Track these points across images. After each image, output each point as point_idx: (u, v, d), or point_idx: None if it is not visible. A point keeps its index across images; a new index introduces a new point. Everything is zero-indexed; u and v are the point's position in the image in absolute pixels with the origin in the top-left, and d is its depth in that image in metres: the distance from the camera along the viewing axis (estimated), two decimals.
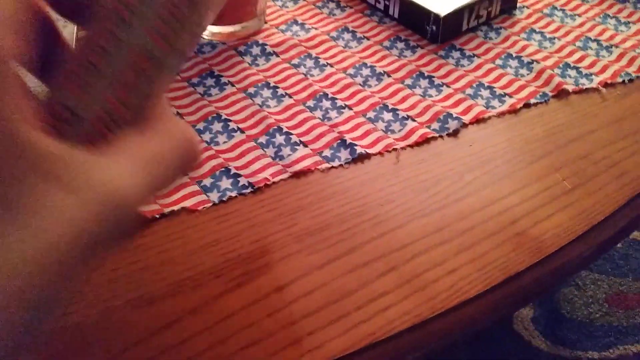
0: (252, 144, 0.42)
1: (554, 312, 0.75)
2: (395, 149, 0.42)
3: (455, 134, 0.43)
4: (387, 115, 0.45)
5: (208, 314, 0.31)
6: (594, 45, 0.52)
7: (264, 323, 0.31)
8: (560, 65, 0.50)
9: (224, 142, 0.42)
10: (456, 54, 0.51)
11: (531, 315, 0.74)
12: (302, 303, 0.32)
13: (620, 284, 0.78)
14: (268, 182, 0.39)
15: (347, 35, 0.53)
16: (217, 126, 0.43)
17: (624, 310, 0.75)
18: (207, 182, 0.39)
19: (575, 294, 0.77)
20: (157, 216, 0.36)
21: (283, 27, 0.54)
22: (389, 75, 0.48)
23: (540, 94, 0.47)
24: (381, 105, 0.45)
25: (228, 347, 0.30)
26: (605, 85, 0.47)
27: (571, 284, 0.79)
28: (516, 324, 0.73)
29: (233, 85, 0.47)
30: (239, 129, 0.43)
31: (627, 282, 0.78)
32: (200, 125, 0.43)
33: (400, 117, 0.44)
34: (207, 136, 0.42)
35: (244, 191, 0.38)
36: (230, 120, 0.43)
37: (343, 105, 0.46)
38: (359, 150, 0.41)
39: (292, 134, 0.42)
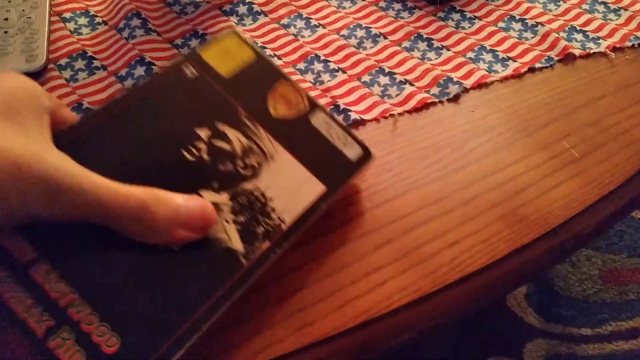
0: None
1: (547, 288, 0.74)
2: (392, 115, 0.39)
3: (456, 99, 0.40)
4: (384, 79, 0.42)
5: None
6: (601, 7, 0.49)
7: (251, 298, 0.28)
8: (566, 29, 0.47)
9: None
10: (456, 16, 0.48)
11: (524, 291, 0.73)
12: (292, 278, 0.29)
13: (614, 260, 0.77)
14: None
15: None
16: None
17: (618, 286, 0.74)
18: None
19: (569, 271, 0.76)
20: None
21: None
22: (385, 37, 0.45)
23: (546, 58, 0.44)
24: (377, 68, 0.42)
25: (210, 326, 0.27)
26: (614, 49, 0.45)
27: (565, 261, 0.78)
28: (509, 301, 0.71)
29: None
30: None
31: (621, 259, 0.77)
32: None
33: (397, 81, 0.41)
34: None
35: None
36: None
37: (336, 68, 0.42)
38: (353, 116, 0.38)
39: None
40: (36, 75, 0.39)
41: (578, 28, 0.47)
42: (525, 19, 0.48)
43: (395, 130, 0.38)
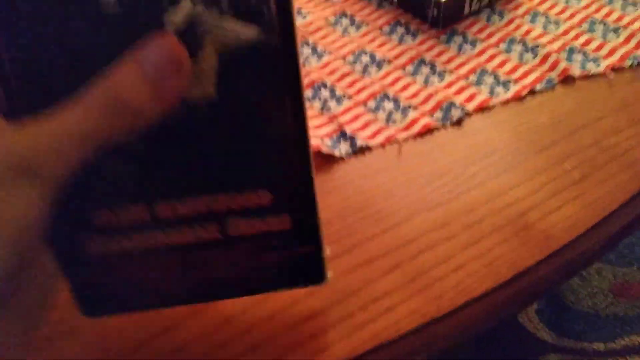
0: None
1: (558, 303, 0.74)
2: (397, 141, 0.40)
3: (458, 123, 0.41)
4: (389, 105, 0.43)
5: (206, 318, 0.30)
6: (600, 27, 0.50)
7: (264, 326, 0.29)
8: (566, 49, 0.48)
9: None
10: (458, 39, 0.49)
11: (535, 307, 0.73)
12: (304, 304, 0.30)
13: (625, 273, 0.77)
14: None
15: (345, 21, 0.51)
16: None
17: (629, 300, 0.74)
18: None
19: (579, 285, 0.76)
20: None
21: None
22: (389, 62, 0.47)
23: (546, 79, 0.45)
24: (382, 94, 0.44)
25: (227, 352, 0.28)
26: (613, 69, 0.46)
27: (577, 274, 0.78)
28: (520, 317, 0.72)
29: None
30: None
31: (632, 272, 0.77)
32: None
33: (401, 106, 0.43)
34: None
35: None
36: None
37: (342, 94, 0.44)
38: (359, 142, 0.40)
39: None
40: None
41: (578, 48, 0.48)
42: (526, 40, 0.49)
43: (400, 156, 0.39)
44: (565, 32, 0.50)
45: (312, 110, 0.43)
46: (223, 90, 0.21)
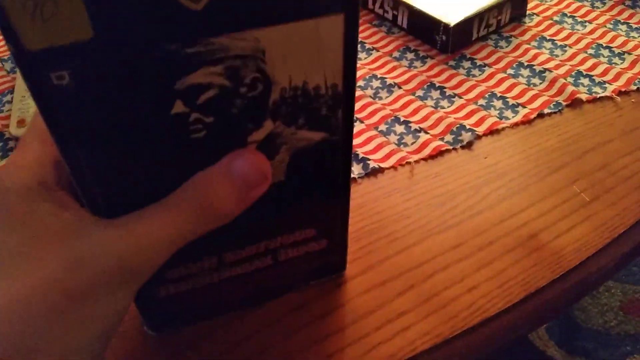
0: None
1: (568, 321, 0.74)
2: (409, 163, 0.41)
3: (469, 146, 0.42)
4: (400, 128, 0.44)
5: (222, 340, 0.31)
6: (606, 52, 0.52)
7: (281, 345, 0.30)
8: (573, 74, 0.49)
9: None
10: (467, 64, 0.50)
11: (545, 324, 0.73)
12: (320, 324, 0.31)
13: (635, 291, 0.77)
14: None
15: None
16: None
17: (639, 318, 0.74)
18: None
19: (589, 303, 0.76)
20: None
21: None
22: (399, 87, 0.48)
23: (554, 103, 0.46)
24: (393, 117, 0.45)
25: None
26: (620, 93, 0.47)
27: (587, 295, 0.78)
28: (530, 335, 0.72)
29: None
30: None
31: None
32: None
33: (412, 129, 0.44)
34: None
35: None
36: None
37: (355, 118, 0.45)
38: (371, 164, 0.41)
39: None
40: None
41: (584, 73, 0.49)
42: (533, 65, 0.50)
43: (412, 178, 0.40)
44: (572, 57, 0.51)
45: None
46: (291, 175, 0.26)
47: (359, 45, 0.52)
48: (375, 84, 0.48)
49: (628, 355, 0.71)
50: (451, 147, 0.42)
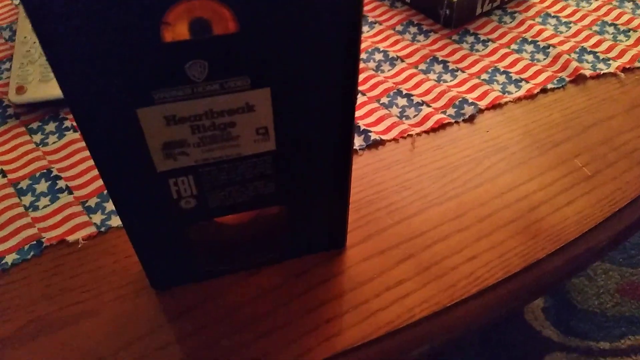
0: None
1: (565, 302, 0.74)
2: (410, 135, 0.41)
3: (471, 119, 0.42)
4: (402, 101, 0.44)
5: (221, 304, 0.31)
6: (610, 29, 0.51)
7: (280, 311, 0.30)
8: (577, 50, 0.48)
9: None
10: (470, 39, 0.50)
11: (542, 305, 0.73)
12: (319, 291, 0.31)
13: (632, 274, 0.77)
14: None
15: None
16: None
17: (636, 300, 0.74)
18: None
19: (586, 284, 0.76)
20: None
21: None
22: (402, 60, 0.47)
23: (557, 79, 0.46)
24: (395, 90, 0.44)
25: (243, 337, 0.29)
26: (624, 70, 0.46)
27: (582, 274, 0.78)
28: (527, 314, 0.72)
29: None
30: None
31: (639, 272, 0.77)
32: None
33: (414, 102, 0.43)
34: None
35: None
36: None
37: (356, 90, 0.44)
38: (373, 136, 0.41)
39: None
40: None
41: (589, 49, 0.49)
42: (537, 41, 0.49)
43: (413, 150, 0.40)
44: (576, 34, 0.51)
45: None
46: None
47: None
48: (378, 56, 0.48)
49: (623, 337, 0.71)
50: (453, 121, 0.42)
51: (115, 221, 0.35)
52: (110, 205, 0.36)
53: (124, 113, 0.22)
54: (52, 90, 0.42)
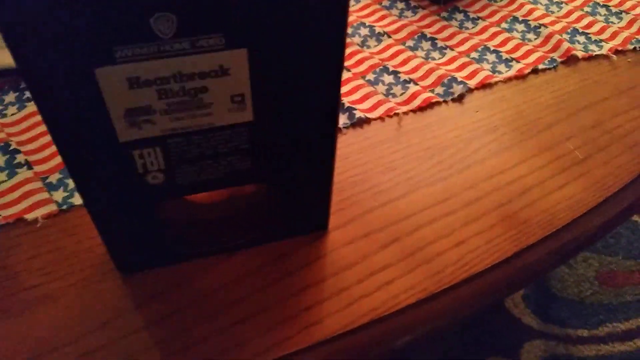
0: None
1: (544, 290, 0.74)
2: (397, 114, 0.39)
3: (460, 99, 0.40)
4: (388, 78, 0.41)
5: (194, 288, 0.28)
6: (603, 10, 0.50)
7: (256, 296, 0.28)
8: (569, 31, 0.47)
9: None
10: (460, 16, 0.48)
11: (522, 292, 0.73)
12: (299, 276, 0.29)
13: (611, 262, 0.77)
14: None
15: None
16: None
17: (614, 288, 0.74)
18: None
19: (566, 272, 0.76)
20: None
21: None
22: (389, 36, 0.45)
23: (549, 59, 0.44)
24: (381, 67, 0.42)
25: (218, 323, 0.27)
26: (616, 52, 0.45)
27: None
28: (507, 302, 0.72)
29: None
30: None
31: (618, 261, 0.77)
32: None
33: (401, 80, 0.41)
34: None
35: None
36: None
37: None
38: (358, 114, 0.38)
39: None
40: None
41: (580, 30, 0.47)
42: (528, 21, 0.48)
43: (400, 129, 0.38)
44: (568, 14, 0.49)
45: None
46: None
47: None
48: (364, 31, 0.46)
49: (601, 324, 0.72)
50: (441, 100, 0.40)
51: (79, 199, 0.32)
52: (73, 183, 0.33)
53: (81, 73, 0.20)
54: (12, 58, 0.39)
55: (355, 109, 0.39)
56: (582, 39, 0.46)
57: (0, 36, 0.39)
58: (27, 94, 0.38)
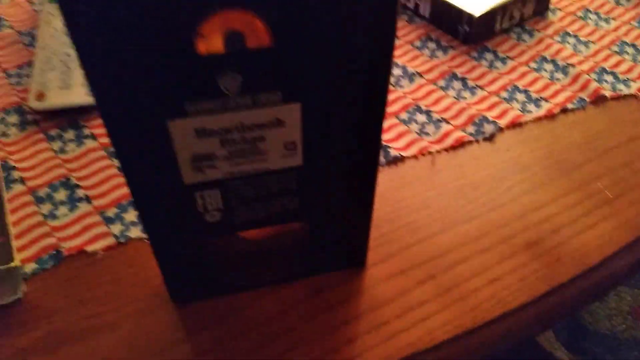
0: None
1: (576, 324, 0.73)
2: (430, 153, 0.41)
3: (491, 138, 0.42)
4: (421, 117, 0.43)
5: (242, 319, 0.30)
6: (630, 49, 0.51)
7: (301, 328, 0.30)
8: (597, 70, 0.48)
9: None
10: (489, 56, 0.50)
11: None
12: (340, 309, 0.31)
13: None
14: None
15: None
16: None
17: None
18: None
19: (597, 306, 0.75)
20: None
21: None
22: (421, 76, 0.47)
23: (577, 99, 0.45)
24: (414, 106, 0.44)
25: (265, 353, 0.29)
26: None
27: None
28: (538, 336, 0.71)
29: None
30: None
31: None
32: None
33: (434, 119, 0.43)
34: None
35: None
36: None
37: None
38: (393, 152, 0.40)
39: None
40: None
41: (608, 69, 0.48)
42: (557, 60, 0.49)
43: (433, 168, 0.39)
44: (596, 53, 0.50)
45: None
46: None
47: None
48: (397, 72, 0.48)
49: None
50: (473, 139, 0.42)
51: (135, 232, 0.35)
52: (129, 216, 0.35)
53: (155, 124, 0.22)
54: (72, 97, 0.42)
55: (390, 147, 0.41)
56: (610, 78, 0.47)
57: (60, 77, 0.43)
58: (86, 131, 0.41)
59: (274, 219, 0.28)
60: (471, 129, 0.43)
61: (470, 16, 0.49)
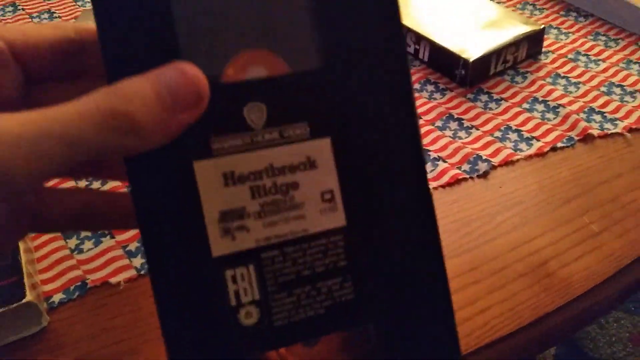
0: None
1: (576, 350, 0.75)
2: None
3: (485, 175, 0.45)
4: None
5: None
6: (618, 90, 0.54)
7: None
8: (586, 110, 0.51)
9: None
10: (484, 97, 0.53)
11: (553, 352, 0.74)
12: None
13: None
14: None
15: None
16: None
17: None
18: None
19: (598, 332, 0.77)
20: None
21: None
22: (420, 117, 0.51)
23: (567, 137, 0.48)
24: None
25: None
26: (630, 130, 0.49)
27: (594, 323, 0.79)
28: None
29: None
30: None
31: None
32: None
33: (432, 158, 0.46)
34: None
35: None
36: None
37: None
38: None
39: None
40: None
41: (597, 109, 0.52)
42: (548, 101, 0.52)
43: None
44: (585, 94, 0.54)
45: None
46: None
47: None
48: None
49: None
50: (468, 176, 0.45)
51: None
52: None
53: (180, 166, 0.20)
54: None
55: None
56: (598, 117, 0.51)
57: None
58: None
59: (326, 319, 0.21)
60: (466, 167, 0.46)
61: (466, 60, 0.53)
